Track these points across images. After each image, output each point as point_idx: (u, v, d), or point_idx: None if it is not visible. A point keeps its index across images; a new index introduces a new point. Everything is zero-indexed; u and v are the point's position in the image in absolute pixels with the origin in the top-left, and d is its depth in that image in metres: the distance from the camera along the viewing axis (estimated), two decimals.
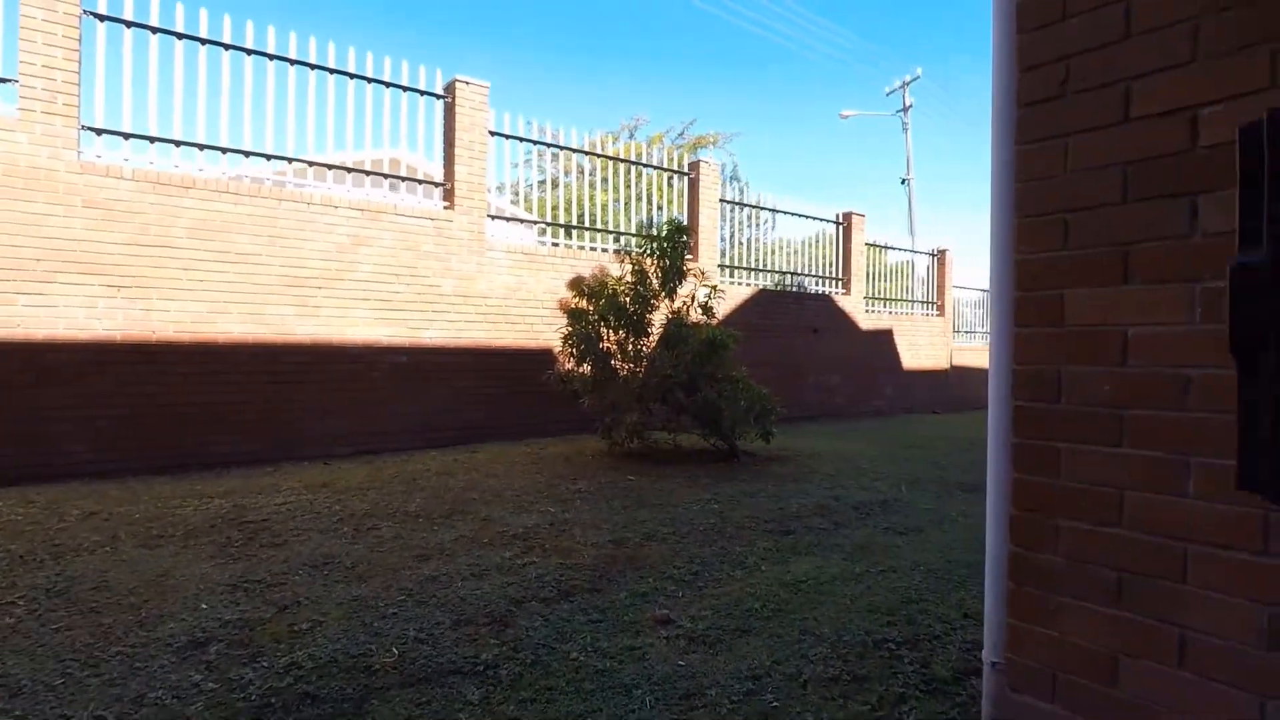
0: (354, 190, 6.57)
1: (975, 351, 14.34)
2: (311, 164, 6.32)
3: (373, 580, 3.10)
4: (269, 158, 6.10)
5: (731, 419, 6.06)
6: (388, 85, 6.70)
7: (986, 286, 12.63)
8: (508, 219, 7.77)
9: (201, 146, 5.79)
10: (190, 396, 5.58)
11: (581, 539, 3.77)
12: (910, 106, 20.85)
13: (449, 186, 7.06)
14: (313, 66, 6.29)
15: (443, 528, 3.92)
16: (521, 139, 7.67)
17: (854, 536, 4.00)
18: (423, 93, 6.93)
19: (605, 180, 8.77)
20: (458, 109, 7.00)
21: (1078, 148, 1.51)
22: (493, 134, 7.39)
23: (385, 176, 6.74)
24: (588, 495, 4.79)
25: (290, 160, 6.21)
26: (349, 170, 6.51)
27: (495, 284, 7.27)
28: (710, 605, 2.91)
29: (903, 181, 21.14)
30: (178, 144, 5.69)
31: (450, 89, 7.05)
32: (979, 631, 2.64)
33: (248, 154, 5.99)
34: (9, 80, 5.03)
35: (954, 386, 13.35)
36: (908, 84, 20.92)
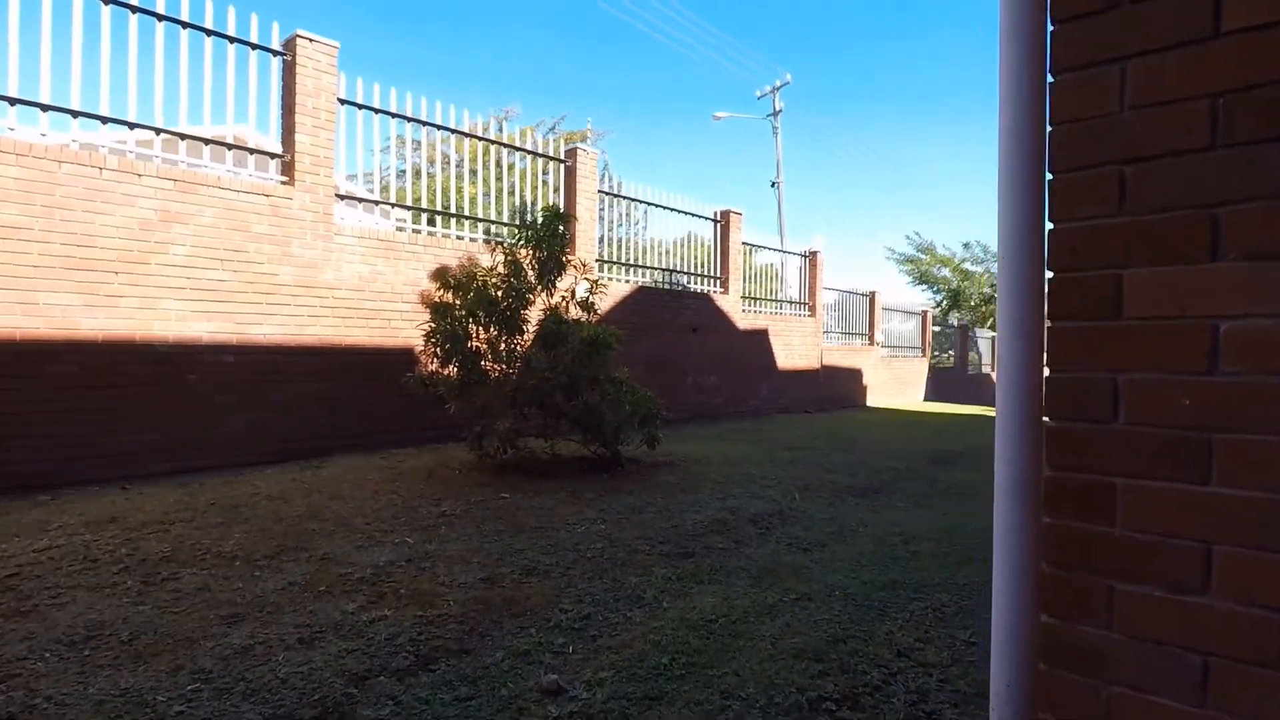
0: (164, 156, 5.45)
1: (841, 351, 14.75)
2: (105, 120, 5.16)
3: (156, 660, 2.30)
4: (44, 109, 4.89)
5: (615, 424, 5.56)
6: (209, 33, 5.63)
7: (847, 288, 12.92)
8: (360, 200, 6.84)
9: None
10: None
11: (446, 578, 3.11)
12: (780, 111, 21.38)
13: (288, 159, 6.06)
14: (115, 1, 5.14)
15: (267, 572, 3.13)
16: (378, 110, 6.77)
17: (757, 556, 3.61)
18: (255, 46, 5.90)
19: (475, 172, 8.02)
20: (299, 69, 6.02)
21: (1142, 74, 1.10)
22: (343, 102, 6.46)
23: (205, 142, 5.66)
24: (454, 519, 4.10)
25: (75, 114, 5.02)
26: (156, 131, 5.39)
27: (346, 274, 6.35)
28: (609, 662, 2.37)
29: (772, 184, 21.63)
30: None
31: (290, 45, 6.06)
32: (922, 676, 2.28)
33: (13, 101, 4.77)
34: None
35: (824, 386, 13.62)
36: (778, 89, 21.43)
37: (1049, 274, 1.21)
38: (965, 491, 5.53)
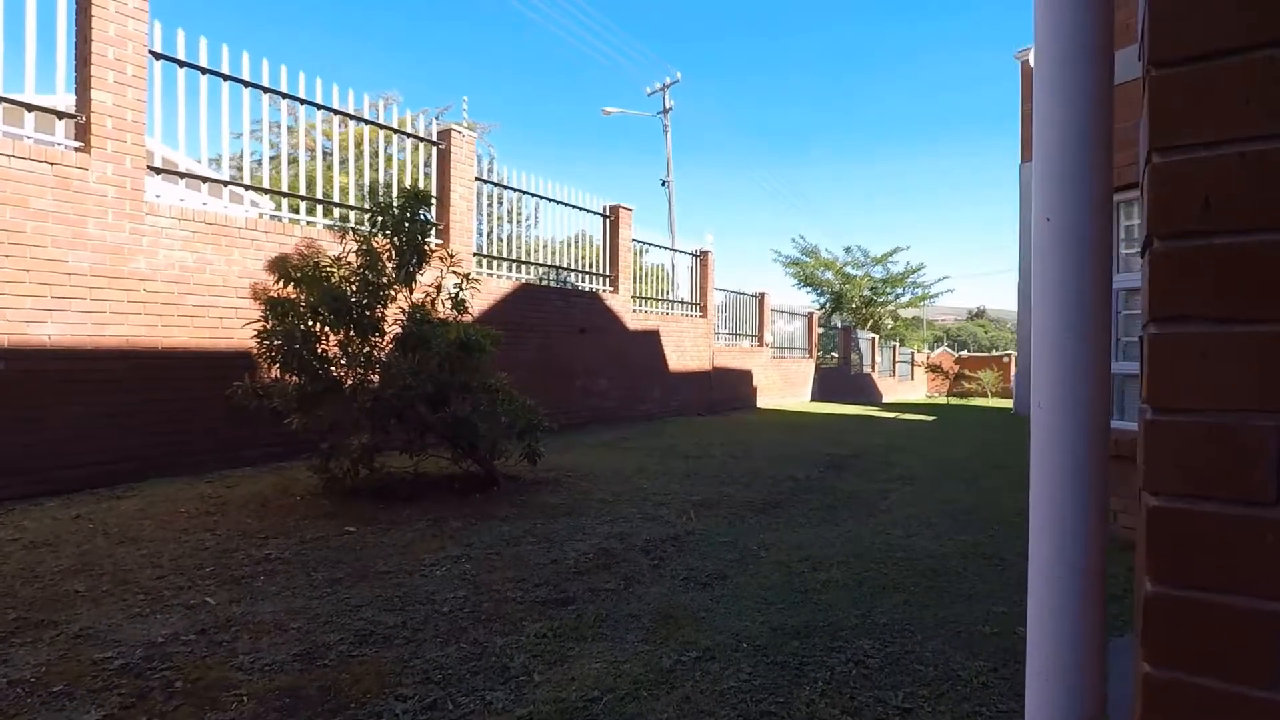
0: None
1: (732, 352, 14.61)
2: None
3: None
4: None
5: (490, 438, 4.89)
6: None
7: (737, 289, 12.75)
8: (182, 174, 5.77)
9: None
10: None
11: (248, 660, 2.36)
12: (670, 109, 21.14)
13: (83, 120, 4.96)
14: None
15: None
16: (206, 70, 5.72)
17: (651, 598, 3.06)
18: None
19: (345, 162, 7.08)
20: (97, 10, 4.93)
21: None
22: (158, 56, 5.39)
23: None
24: (279, 566, 3.31)
25: None
26: None
27: (162, 262, 5.29)
28: None
29: (663, 183, 21.37)
30: None
31: None
32: None
33: None
34: None
35: (716, 387, 13.40)
36: (668, 86, 21.18)
37: (1157, 245, 0.71)
38: (866, 502, 5.25)
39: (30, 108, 4.77)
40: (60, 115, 4.92)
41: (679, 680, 2.30)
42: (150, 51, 5.30)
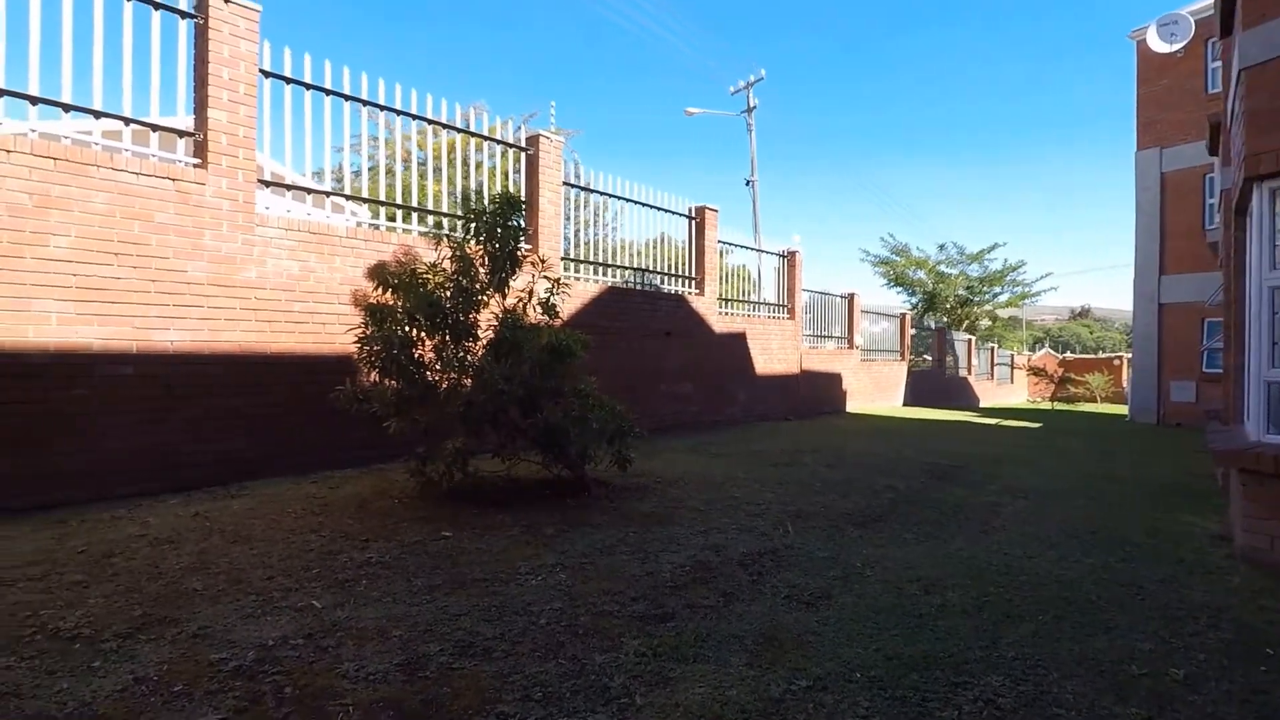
0: (41, 129, 4.61)
1: (820, 355, 14.19)
2: None
3: None
4: None
5: (581, 443, 4.85)
6: None
7: (824, 289, 12.35)
8: (289, 186, 6.02)
9: None
10: None
11: (352, 668, 2.36)
12: (754, 107, 20.80)
13: (200, 138, 5.24)
14: None
15: (110, 662, 2.35)
16: (311, 86, 5.96)
17: (752, 618, 2.92)
18: (159, 5, 5.07)
19: (438, 171, 7.27)
20: (213, 34, 5.20)
21: None
22: (267, 74, 5.65)
23: (96, 115, 4.81)
24: (380, 570, 3.35)
25: None
26: (32, 100, 4.54)
27: (270, 270, 5.53)
28: None
29: (747, 183, 21.04)
30: None
31: (203, 7, 5.23)
32: None
33: None
34: None
35: (804, 391, 13.04)
36: (752, 84, 20.85)
37: None
38: (975, 517, 4.92)
39: (155, 128, 5.08)
40: (181, 134, 5.22)
41: (790, 713, 2.15)
42: (260, 70, 5.55)
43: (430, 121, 6.92)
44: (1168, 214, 15.58)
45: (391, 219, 6.76)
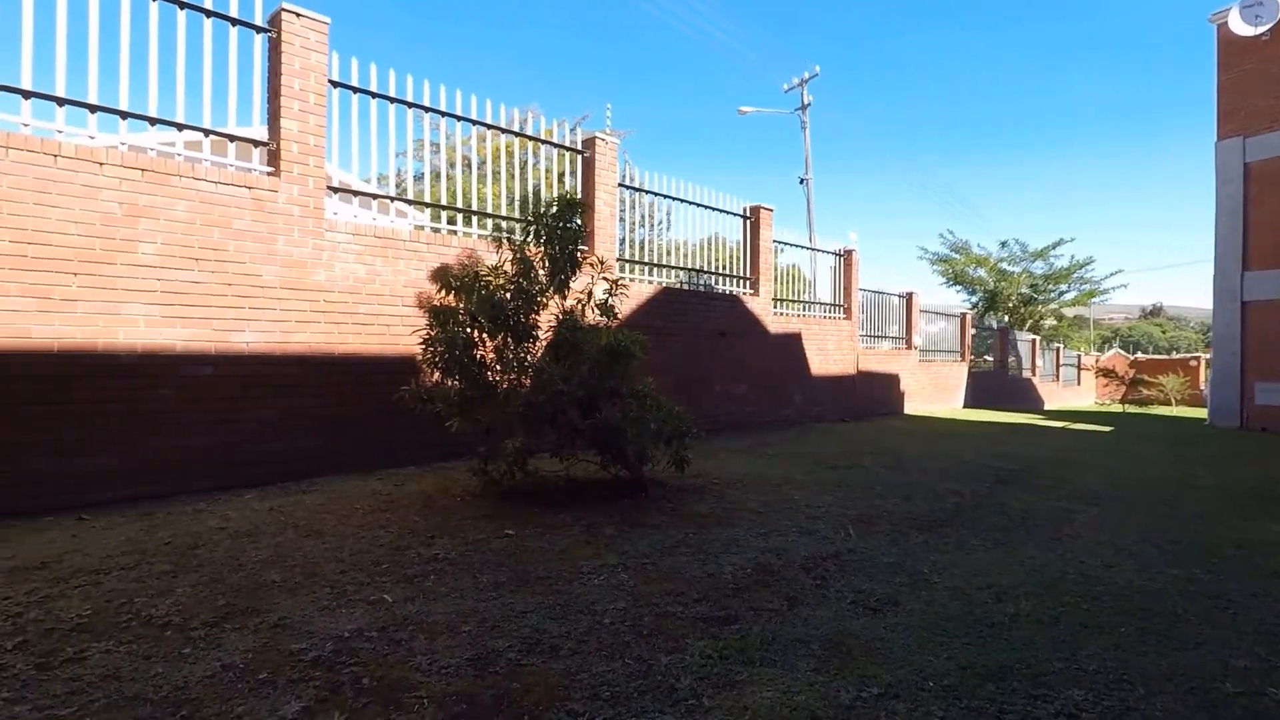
0: (131, 142, 4.86)
1: (877, 355, 13.91)
2: (62, 101, 4.57)
3: None
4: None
5: (639, 444, 4.86)
6: (182, 5, 5.03)
7: (881, 288, 12.09)
8: (354, 192, 6.21)
9: None
10: None
11: (425, 661, 2.43)
12: (809, 105, 20.51)
13: (274, 147, 5.45)
14: None
15: (199, 649, 2.47)
16: (375, 94, 6.14)
17: (818, 622, 2.88)
18: (236, 22, 5.30)
19: (496, 174, 7.40)
20: (285, 47, 5.40)
21: None
22: (335, 84, 5.84)
23: (179, 127, 5.05)
24: (447, 566, 3.43)
25: (26, 95, 4.44)
26: (122, 115, 4.80)
27: (338, 274, 5.72)
28: None
29: (801, 180, 20.75)
30: None
31: (275, 21, 5.45)
32: None
33: None
34: None
35: (861, 392, 12.81)
36: (806, 81, 20.56)
37: None
38: (1045, 524, 4.75)
39: (232, 138, 5.30)
40: (255, 143, 5.44)
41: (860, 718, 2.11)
42: (329, 80, 5.74)
43: (489, 126, 7.05)
44: (1252, 206, 14.74)
45: (452, 222, 6.91)
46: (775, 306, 10.87)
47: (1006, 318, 27.08)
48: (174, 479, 4.80)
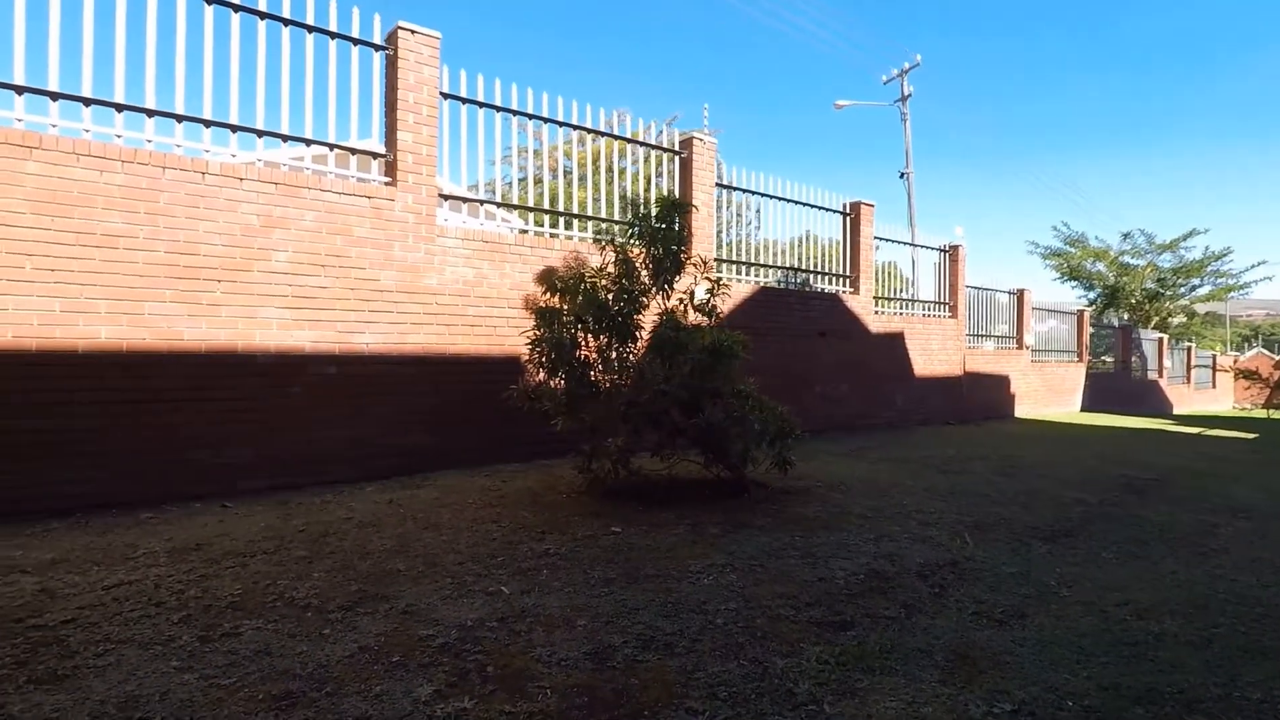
0: (266, 158, 5.25)
1: (984, 356, 13.23)
2: (209, 123, 4.98)
3: None
4: (150, 113, 4.75)
5: (742, 444, 4.82)
6: (310, 29, 5.38)
7: (988, 285, 11.47)
8: (465, 200, 6.46)
9: (54, 95, 4.43)
10: (36, 422, 4.23)
11: (545, 652, 2.49)
12: (909, 95, 19.75)
13: (390, 158, 5.75)
14: (210, 0, 4.96)
15: (338, 630, 2.63)
16: (482, 104, 6.37)
17: (939, 633, 2.77)
18: (357, 41, 5.62)
19: (584, 178, 7.53)
20: (401, 62, 5.69)
21: None
22: (446, 96, 6.09)
23: (308, 143, 5.41)
24: (558, 561, 3.51)
25: (180, 119, 4.87)
26: (259, 133, 5.18)
27: (449, 278, 5.97)
28: None
29: (901, 175, 20.00)
30: (18, 90, 4.33)
31: (392, 39, 5.75)
32: None
33: (120, 108, 4.64)
34: None
35: (967, 394, 12.23)
36: (906, 72, 19.80)
37: None
38: (1187, 538, 4.38)
39: (353, 151, 5.63)
40: (374, 155, 5.75)
41: None
42: (440, 92, 5.99)
43: (585, 129, 7.18)
44: None
45: (554, 225, 7.08)
46: (876, 305, 10.54)
47: (1128, 315, 25.17)
48: (303, 471, 5.14)
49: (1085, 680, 2.38)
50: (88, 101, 4.54)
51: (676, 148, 8.04)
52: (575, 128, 7.12)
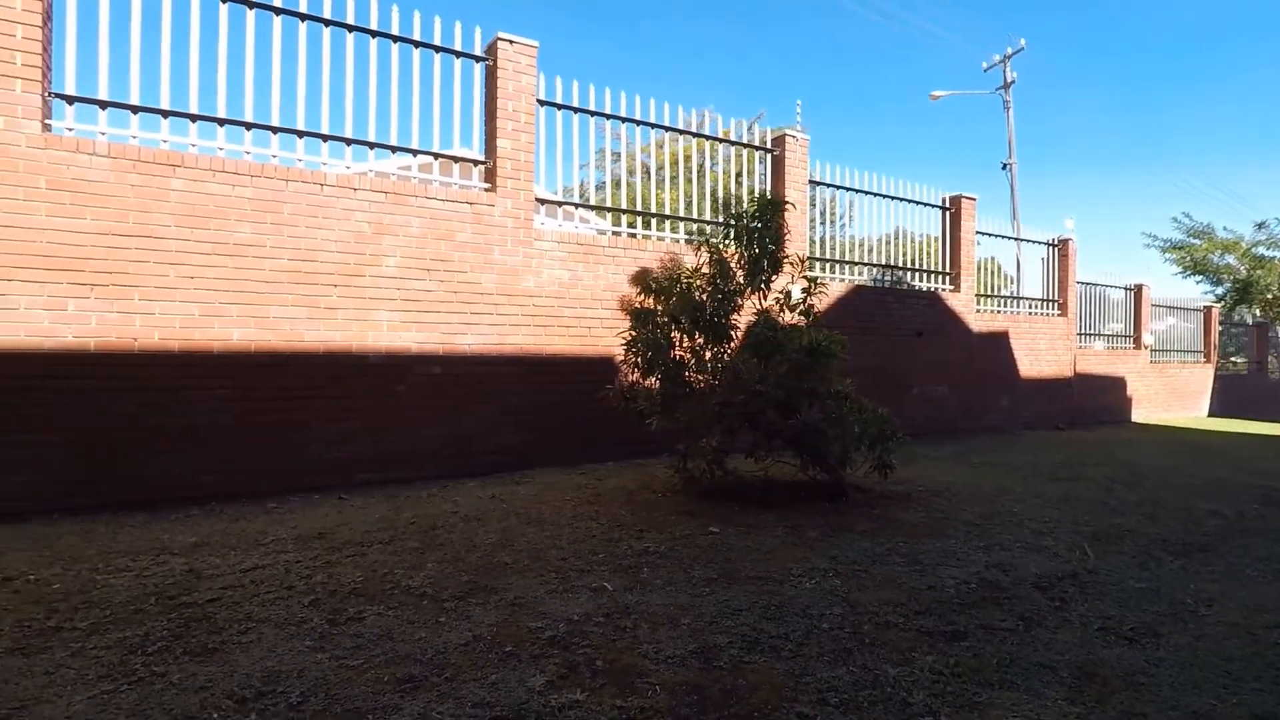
0: (376, 169, 5.53)
1: (1097, 356, 12.42)
2: (326, 138, 5.30)
3: None
4: (274, 130, 5.10)
5: (841, 446, 4.72)
6: (416, 45, 5.63)
7: (1101, 280, 10.74)
8: (560, 204, 6.60)
9: (194, 117, 4.83)
10: (179, 417, 4.62)
11: (651, 647, 2.52)
12: (1013, 83, 18.76)
13: (490, 165, 5.95)
14: (325, 22, 5.27)
15: (452, 619, 2.75)
16: (577, 109, 6.49)
17: (1062, 648, 2.62)
18: (459, 54, 5.84)
19: (673, 179, 7.55)
20: (500, 72, 5.88)
21: None
22: (542, 103, 6.25)
23: (414, 153, 5.67)
24: (658, 559, 3.54)
25: (300, 134, 5.20)
26: (370, 145, 5.47)
27: (545, 280, 6.12)
28: None
29: (1004, 166, 19.00)
30: (165, 114, 4.74)
31: (492, 50, 5.95)
32: None
33: (249, 126, 5.00)
34: None
35: (1078, 397, 11.51)
36: (1009, 57, 18.79)
37: None
38: None
39: (455, 159, 5.86)
40: (474, 163, 5.96)
41: None
42: (536, 99, 6.15)
43: (671, 129, 7.19)
44: None
45: (647, 226, 7.13)
46: (978, 303, 10.07)
47: (1262, 311, 23.02)
48: (409, 466, 5.39)
49: (1235, 707, 2.20)
50: (221, 121, 4.91)
51: (769, 145, 7.94)
52: (665, 129, 7.16)
